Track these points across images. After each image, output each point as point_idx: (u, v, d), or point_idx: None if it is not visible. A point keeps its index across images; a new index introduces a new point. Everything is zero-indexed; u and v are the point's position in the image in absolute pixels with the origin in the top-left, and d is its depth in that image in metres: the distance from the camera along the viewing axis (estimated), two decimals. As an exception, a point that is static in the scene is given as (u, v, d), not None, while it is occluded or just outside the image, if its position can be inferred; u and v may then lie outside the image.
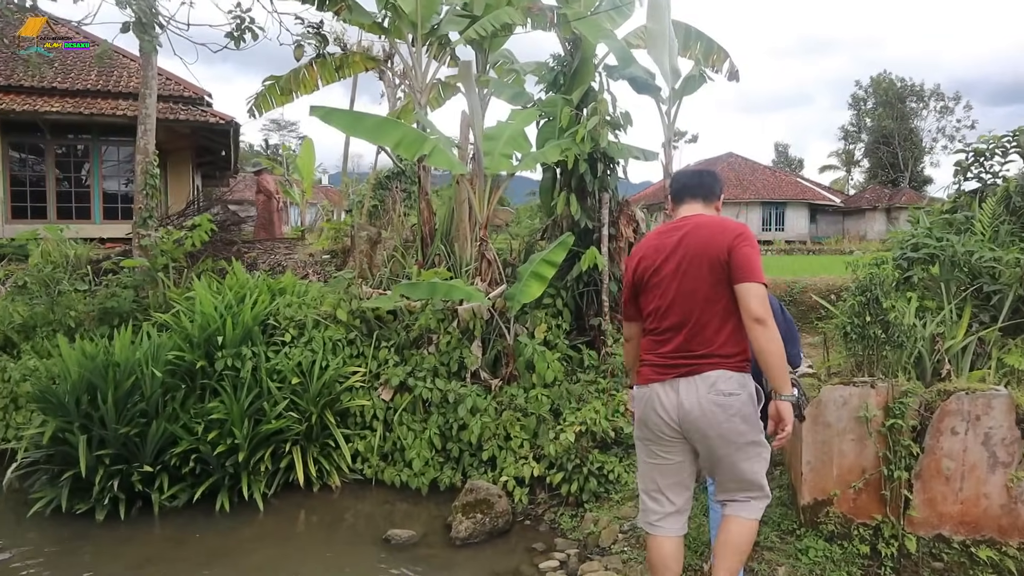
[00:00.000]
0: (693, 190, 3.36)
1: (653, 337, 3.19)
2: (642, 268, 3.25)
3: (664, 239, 3.22)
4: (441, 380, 6.90)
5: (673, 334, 3.09)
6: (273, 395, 6.82)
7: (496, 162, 7.21)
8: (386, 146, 7.06)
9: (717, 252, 2.99)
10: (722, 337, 3.02)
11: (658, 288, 3.15)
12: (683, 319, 3.07)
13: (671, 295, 3.09)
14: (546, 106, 7.69)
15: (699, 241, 3.06)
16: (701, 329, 3.03)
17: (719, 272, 2.99)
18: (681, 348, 3.07)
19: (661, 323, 3.14)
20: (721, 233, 3.04)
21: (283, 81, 10.00)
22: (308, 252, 11.59)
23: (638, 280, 3.27)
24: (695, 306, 3.04)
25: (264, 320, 7.56)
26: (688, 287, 3.05)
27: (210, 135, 18.50)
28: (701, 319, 3.03)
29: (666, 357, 3.10)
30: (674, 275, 3.09)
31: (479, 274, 7.45)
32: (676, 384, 3.04)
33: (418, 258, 9.06)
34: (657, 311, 3.16)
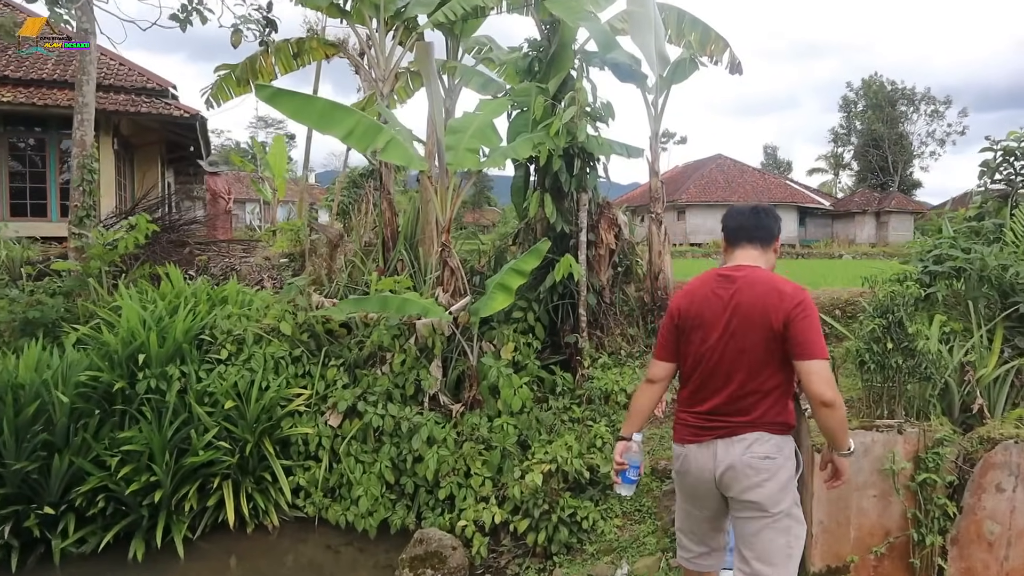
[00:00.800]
0: (750, 232, 3.05)
1: (691, 394, 3.01)
2: (687, 315, 3.00)
3: (715, 290, 2.95)
4: (395, 405, 6.06)
5: (713, 395, 2.91)
6: (202, 422, 5.95)
7: (460, 158, 6.38)
8: (335, 136, 6.20)
9: (773, 320, 2.77)
10: (765, 406, 2.86)
11: (703, 343, 2.93)
12: (726, 382, 2.88)
13: (716, 355, 2.89)
14: (518, 95, 6.86)
15: (753, 302, 2.84)
16: (744, 396, 2.86)
17: (771, 341, 2.79)
18: (720, 410, 2.90)
19: (702, 381, 2.95)
20: (779, 299, 2.79)
21: (239, 70, 9.12)
22: (265, 255, 10.70)
23: (681, 326, 3.02)
24: (741, 371, 2.85)
25: (199, 334, 6.69)
26: (736, 350, 2.85)
27: (176, 129, 17.60)
28: (746, 386, 2.86)
29: (703, 417, 2.94)
30: (723, 335, 2.87)
31: (441, 284, 6.60)
32: (713, 447, 2.90)
33: (379, 264, 8.21)
34: (698, 367, 2.96)
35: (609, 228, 6.52)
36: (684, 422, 3.04)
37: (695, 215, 41.97)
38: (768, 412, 2.87)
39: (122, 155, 17.96)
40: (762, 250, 3.06)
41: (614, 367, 6.15)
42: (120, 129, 16.93)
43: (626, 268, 7.07)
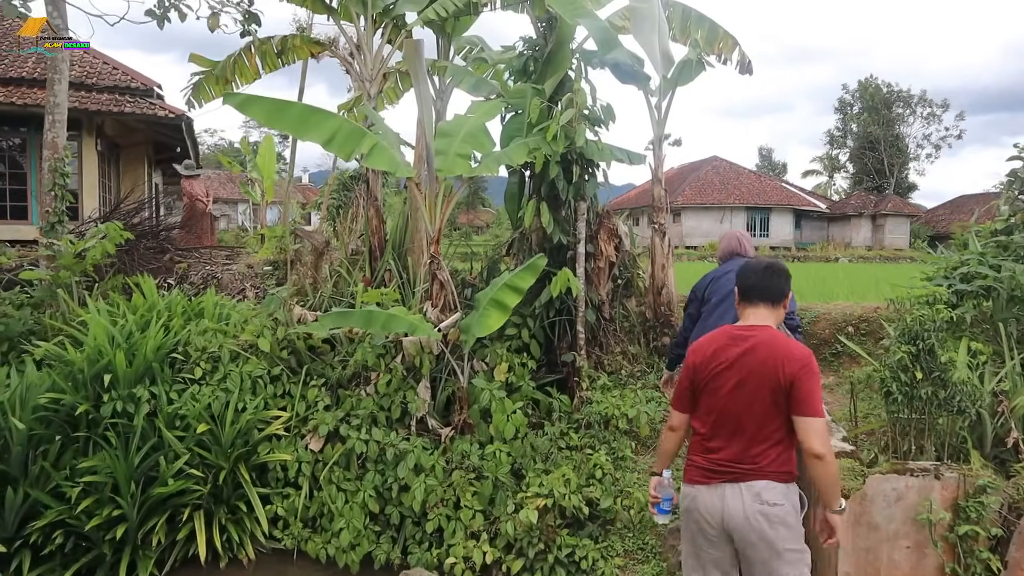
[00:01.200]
0: (762, 293, 3.28)
1: (703, 440, 3.24)
2: (702, 368, 3.25)
3: (728, 348, 3.20)
4: (379, 429, 5.64)
5: (724, 444, 3.16)
6: (173, 448, 5.52)
7: (450, 163, 5.97)
8: (315, 141, 5.79)
9: (780, 379, 3.03)
10: (772, 455, 3.07)
11: (715, 395, 3.19)
12: (736, 432, 3.13)
13: (728, 407, 3.15)
14: (513, 97, 6.45)
15: (763, 361, 3.09)
16: (752, 445, 3.09)
17: (778, 396, 3.04)
18: (731, 458, 3.12)
19: (714, 430, 3.20)
20: (787, 360, 3.05)
21: (219, 69, 8.67)
22: (248, 263, 10.27)
23: (696, 378, 3.28)
24: (751, 424, 3.10)
25: (172, 352, 6.26)
26: (745, 403, 3.11)
27: (162, 130, 17.15)
28: (755, 436, 3.09)
29: (714, 463, 3.17)
30: (734, 389, 3.13)
31: (430, 298, 6.19)
32: (722, 490, 3.11)
33: (365, 274, 7.79)
34: (710, 417, 3.22)
35: (609, 239, 6.12)
36: (696, 464, 3.25)
37: (691, 217, 41.63)
38: (774, 462, 3.07)
39: (106, 156, 17.50)
40: (772, 308, 3.27)
41: (614, 389, 5.75)
42: (104, 129, 16.47)
43: (627, 281, 6.68)
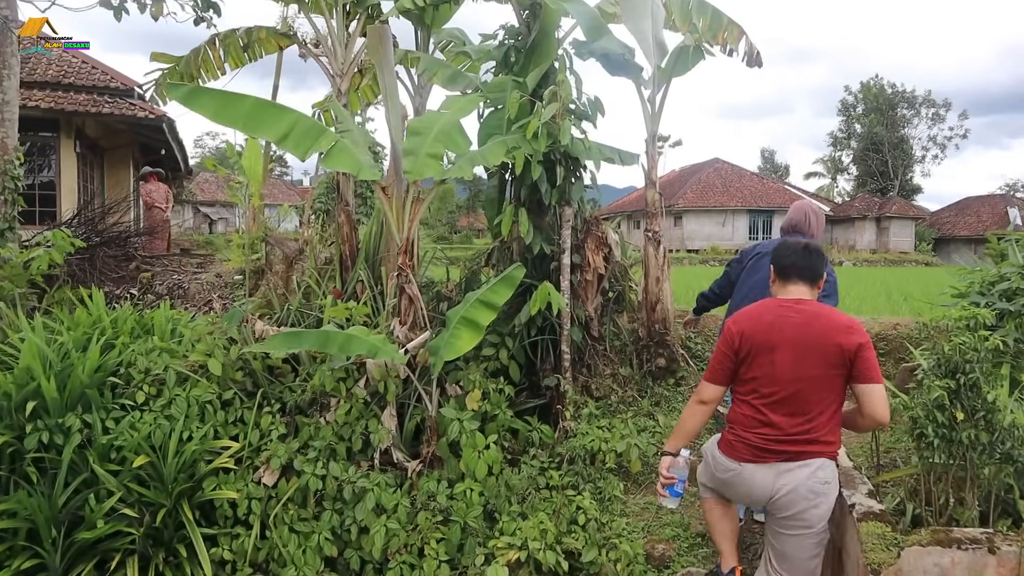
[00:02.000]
0: (801, 272, 3.30)
1: (755, 415, 3.19)
2: (751, 340, 3.21)
3: (780, 318, 3.20)
4: (338, 463, 5.01)
5: (782, 417, 3.12)
6: (106, 484, 4.88)
7: (420, 165, 5.35)
8: (267, 139, 5.18)
9: (845, 349, 3.05)
10: (829, 426, 3.12)
11: (771, 367, 3.15)
12: (797, 408, 3.10)
13: (788, 379, 3.11)
14: (492, 91, 5.82)
15: (822, 332, 3.10)
16: (815, 417, 3.09)
17: (839, 368, 3.06)
18: (789, 432, 3.10)
19: (770, 403, 3.15)
20: (849, 331, 3.09)
21: (182, 64, 8.05)
22: (219, 271, 9.64)
23: (744, 350, 3.23)
24: (812, 398, 3.09)
25: (115, 373, 5.62)
26: (808, 375, 3.09)
27: (145, 131, 16.59)
28: (816, 407, 3.09)
29: (768, 440, 3.13)
30: (795, 360, 3.10)
31: (398, 315, 5.55)
32: (775, 468, 3.10)
33: (336, 285, 7.17)
34: (765, 389, 3.17)
35: (597, 249, 5.49)
36: (745, 440, 3.20)
37: (692, 220, 41.03)
38: (829, 437, 3.12)
39: (88, 158, 16.92)
40: (811, 288, 3.30)
41: (602, 418, 5.11)
42: (85, 131, 15.91)
43: (617, 295, 6.04)
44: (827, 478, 3.09)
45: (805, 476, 3.05)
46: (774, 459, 3.10)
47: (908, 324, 5.62)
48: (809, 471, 3.05)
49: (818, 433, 3.08)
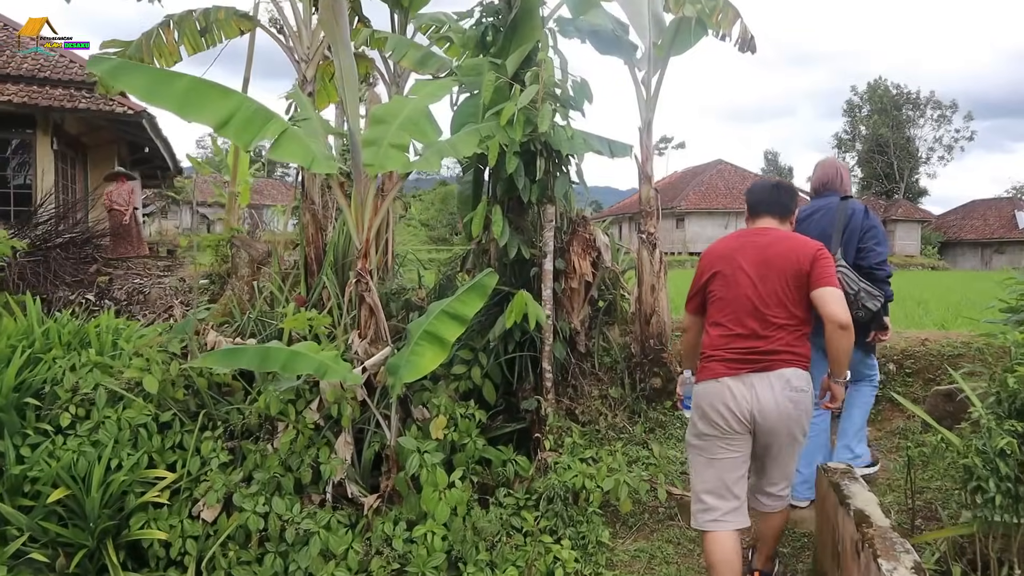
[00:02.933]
0: (769, 207, 3.44)
1: (725, 332, 3.25)
2: (717, 263, 3.35)
3: (746, 241, 3.36)
4: (283, 499, 4.33)
5: (749, 332, 3.18)
6: (15, 522, 4.21)
7: (382, 157, 4.68)
8: (204, 124, 4.51)
9: (800, 263, 3.16)
10: (794, 339, 3.17)
11: (736, 286, 3.25)
12: (761, 319, 3.17)
13: (751, 296, 3.21)
14: (467, 74, 5.14)
15: (783, 252, 3.22)
16: (778, 331, 3.15)
17: (799, 281, 3.16)
18: (756, 346, 3.15)
19: (737, 320, 3.23)
20: (804, 247, 3.22)
21: (132, 48, 7.36)
22: (183, 275, 8.97)
23: (708, 273, 3.38)
24: (774, 309, 3.17)
25: (40, 391, 4.96)
26: (769, 290, 3.18)
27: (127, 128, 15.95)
28: (777, 321, 3.16)
29: (739, 352, 3.18)
30: (757, 278, 3.21)
31: (358, 327, 4.88)
32: (749, 379, 3.13)
33: (300, 291, 6.50)
34: (732, 307, 3.26)
35: (584, 253, 4.80)
36: (719, 357, 3.22)
37: (695, 223, 40.35)
38: (796, 344, 3.17)
39: (69, 156, 16.31)
40: (779, 221, 3.42)
41: (588, 448, 4.40)
42: (64, 127, 15.29)
43: (608, 306, 5.35)
44: (801, 386, 3.13)
45: (780, 387, 3.09)
46: (746, 369, 3.14)
47: (938, 339, 4.93)
48: (783, 381, 3.10)
49: (791, 348, 3.14)
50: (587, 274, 4.78)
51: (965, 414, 4.16)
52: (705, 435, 3.25)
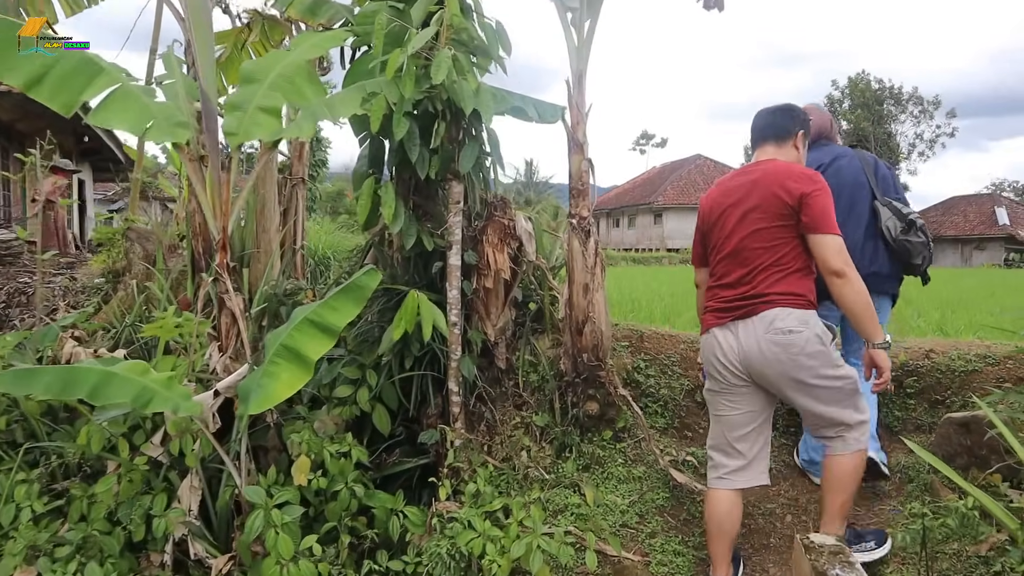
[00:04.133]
0: (763, 131, 3.21)
1: (715, 281, 3.14)
2: (710, 210, 3.17)
3: (734, 182, 3.14)
4: (104, 564, 3.31)
5: (734, 279, 3.02)
6: None
7: (246, 123, 3.71)
8: (9, 84, 3.51)
9: (786, 199, 2.87)
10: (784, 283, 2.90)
11: (722, 232, 3.07)
12: (744, 264, 2.99)
13: (734, 240, 3.02)
14: (363, 23, 4.11)
15: (767, 186, 2.94)
16: (761, 273, 2.93)
17: (786, 218, 2.89)
18: (741, 293, 2.98)
19: (723, 268, 3.08)
20: (790, 179, 2.91)
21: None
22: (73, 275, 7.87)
23: (706, 222, 3.20)
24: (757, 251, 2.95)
25: None
26: (750, 231, 2.96)
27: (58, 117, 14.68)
28: (762, 264, 2.93)
29: (725, 301, 3.03)
30: (740, 220, 3.00)
31: (218, 339, 3.86)
32: (735, 327, 2.98)
33: (187, 292, 5.49)
34: (720, 255, 3.10)
35: (501, 243, 3.79)
36: (709, 309, 3.13)
37: (673, 218, 39.51)
38: (786, 288, 2.88)
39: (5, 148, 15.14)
40: (777, 146, 3.14)
41: (497, 497, 3.39)
42: (1, 113, 14.09)
43: (537, 312, 4.35)
44: (789, 326, 2.84)
45: (762, 330, 2.88)
46: (729, 317, 2.99)
47: (946, 350, 3.97)
48: (764, 324, 2.88)
49: (775, 289, 2.89)
50: (504, 270, 3.77)
51: (984, 450, 3.22)
52: (710, 390, 3.18)
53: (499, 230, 3.82)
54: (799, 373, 2.84)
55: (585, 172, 3.65)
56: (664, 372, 4.35)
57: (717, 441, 3.16)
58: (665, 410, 4.24)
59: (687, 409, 4.27)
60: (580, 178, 3.65)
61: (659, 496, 3.58)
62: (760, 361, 2.88)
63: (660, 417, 4.20)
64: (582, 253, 3.67)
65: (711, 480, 3.18)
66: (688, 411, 4.27)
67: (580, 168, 3.65)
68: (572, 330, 3.76)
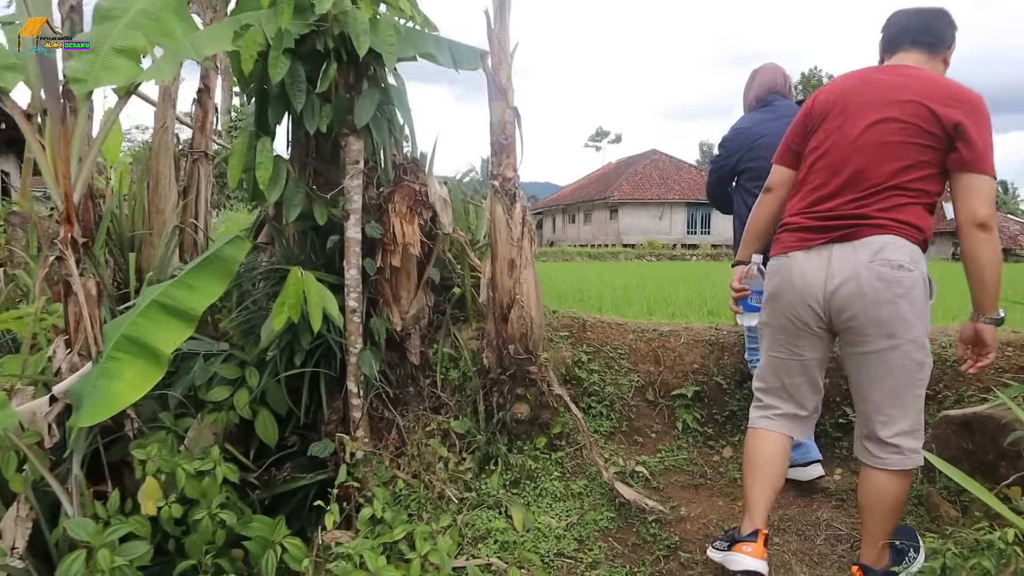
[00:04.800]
0: (913, 34, 2.51)
1: (809, 190, 2.48)
2: (827, 105, 2.49)
3: (870, 78, 2.47)
4: None
5: (841, 191, 2.39)
6: None
7: (97, 67, 3.03)
8: None
9: (941, 119, 2.26)
10: (903, 210, 2.32)
11: (838, 134, 2.42)
12: (859, 178, 2.36)
13: (853, 148, 2.38)
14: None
15: (917, 97, 2.31)
16: (879, 194, 2.33)
17: (931, 141, 2.30)
18: (845, 209, 2.36)
19: (826, 177, 2.43)
20: (951, 97, 2.29)
21: None
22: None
23: (814, 117, 2.52)
24: (880, 168, 2.33)
25: None
26: (878, 142, 2.34)
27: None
28: (882, 184, 2.33)
29: (819, 218, 2.41)
30: (868, 127, 2.36)
31: (66, 331, 3.15)
32: (828, 251, 2.37)
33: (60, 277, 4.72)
34: (824, 161, 2.45)
35: (411, 213, 3.13)
36: (793, 226, 2.49)
37: (628, 214, 39.19)
38: (905, 216, 2.31)
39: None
40: (928, 55, 2.50)
41: (401, 524, 2.73)
42: None
43: (459, 297, 3.69)
44: (900, 260, 2.26)
45: (866, 256, 2.28)
46: (823, 239, 2.38)
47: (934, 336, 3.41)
48: (871, 250, 2.28)
49: (891, 214, 2.30)
50: (413, 244, 3.11)
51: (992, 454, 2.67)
52: (768, 324, 2.60)
53: (408, 197, 3.15)
54: (894, 324, 2.28)
55: (510, 123, 3.00)
56: (610, 366, 3.73)
57: (769, 383, 2.63)
58: (611, 411, 3.61)
59: (637, 410, 3.65)
60: (504, 130, 2.99)
61: (603, 516, 2.95)
62: (852, 297, 2.31)
63: (605, 420, 3.58)
64: (506, 222, 3.01)
65: (756, 419, 2.66)
66: (638, 412, 3.65)
67: (503, 118, 3.00)
68: (496, 316, 3.11)
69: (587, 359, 3.71)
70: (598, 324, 3.90)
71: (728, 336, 3.86)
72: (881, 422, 2.36)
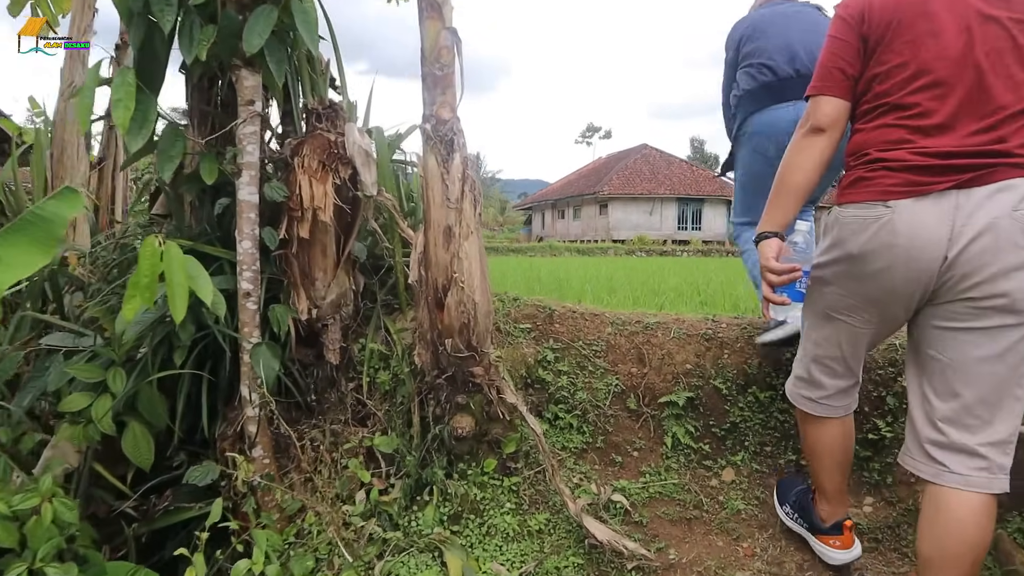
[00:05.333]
0: None
1: (903, 123, 1.79)
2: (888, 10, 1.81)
3: None
4: None
5: (955, 120, 1.74)
6: None
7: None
8: None
9: None
10: None
11: (930, 42, 1.75)
12: (981, 100, 1.73)
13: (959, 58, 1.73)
14: None
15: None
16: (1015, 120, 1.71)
17: None
18: (970, 141, 1.72)
19: (930, 102, 1.76)
20: None
21: None
22: None
23: (875, 23, 1.83)
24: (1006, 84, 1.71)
25: None
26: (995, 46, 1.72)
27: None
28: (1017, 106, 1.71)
29: (933, 155, 1.73)
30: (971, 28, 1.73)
31: None
32: (950, 199, 1.71)
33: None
34: (920, 80, 1.77)
35: (324, 169, 2.43)
36: (894, 163, 1.77)
37: (618, 209, 38.51)
38: None
39: None
40: None
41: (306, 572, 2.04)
42: None
43: (390, 283, 3.01)
44: None
45: (1009, 205, 1.66)
46: (945, 183, 1.70)
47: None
48: (1016, 197, 1.65)
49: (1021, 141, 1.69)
50: (325, 209, 2.42)
51: None
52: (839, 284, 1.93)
53: (320, 149, 2.46)
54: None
55: (446, 48, 2.30)
56: (583, 367, 3.03)
57: (824, 351, 2.08)
58: (583, 423, 2.92)
59: (616, 421, 2.95)
60: (439, 57, 2.29)
61: (568, 562, 2.27)
62: (985, 255, 1.69)
63: (576, 433, 2.89)
64: (441, 177, 2.30)
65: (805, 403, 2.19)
66: (617, 424, 2.95)
67: (438, 42, 2.30)
68: (429, 301, 2.41)
69: (554, 358, 3.01)
70: (568, 315, 3.20)
71: (728, 330, 3.13)
72: (970, 424, 1.78)
